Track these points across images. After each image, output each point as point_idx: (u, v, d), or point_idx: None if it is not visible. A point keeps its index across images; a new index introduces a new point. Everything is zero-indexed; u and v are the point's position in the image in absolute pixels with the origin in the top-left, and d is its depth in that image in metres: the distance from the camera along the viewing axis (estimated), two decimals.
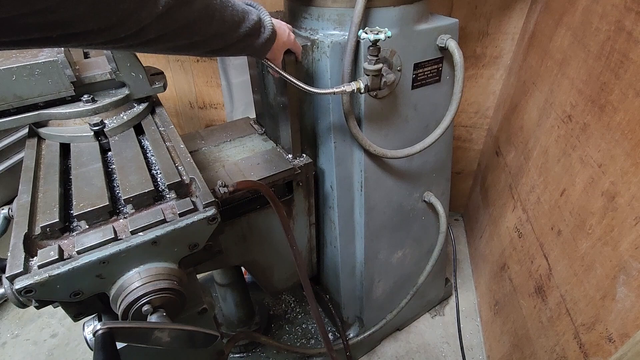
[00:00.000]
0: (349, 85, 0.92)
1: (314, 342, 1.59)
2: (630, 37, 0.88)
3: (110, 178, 0.85)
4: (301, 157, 1.15)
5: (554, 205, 1.15)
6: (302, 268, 1.10)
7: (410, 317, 1.75)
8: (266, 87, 1.17)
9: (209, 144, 1.24)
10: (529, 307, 1.25)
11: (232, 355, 1.55)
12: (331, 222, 1.28)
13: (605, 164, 0.92)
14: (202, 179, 0.83)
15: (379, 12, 0.95)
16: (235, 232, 1.10)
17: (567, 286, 1.03)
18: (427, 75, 1.09)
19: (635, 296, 0.77)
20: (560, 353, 1.03)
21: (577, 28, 1.15)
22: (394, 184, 1.24)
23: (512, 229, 1.47)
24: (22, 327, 1.82)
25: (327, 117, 1.07)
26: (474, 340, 1.70)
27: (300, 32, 1.05)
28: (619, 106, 0.89)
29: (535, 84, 1.41)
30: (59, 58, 0.87)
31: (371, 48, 0.88)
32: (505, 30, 1.68)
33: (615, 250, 0.85)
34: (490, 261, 1.72)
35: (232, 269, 1.35)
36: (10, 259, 0.65)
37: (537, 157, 1.31)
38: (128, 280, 0.71)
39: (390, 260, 1.43)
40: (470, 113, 1.97)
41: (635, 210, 0.80)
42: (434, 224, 1.44)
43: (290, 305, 1.75)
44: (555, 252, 1.12)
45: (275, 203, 0.96)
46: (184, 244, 0.75)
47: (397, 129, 1.14)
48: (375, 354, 1.66)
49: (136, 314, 0.70)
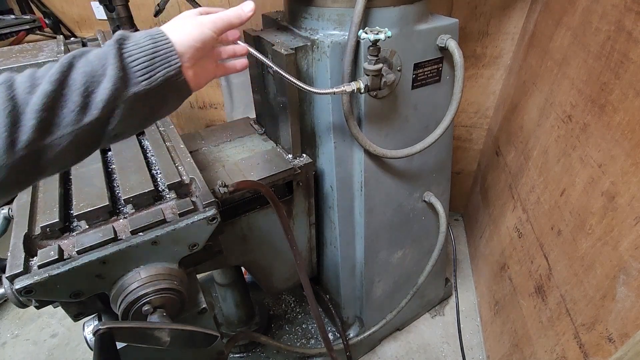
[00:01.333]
0: (349, 85, 0.92)
1: (314, 342, 1.59)
2: (630, 37, 0.87)
3: (110, 178, 0.85)
4: (301, 157, 1.15)
5: (554, 205, 1.15)
6: (302, 268, 1.10)
7: (410, 317, 1.75)
8: (266, 87, 1.17)
9: (209, 144, 1.24)
10: (529, 307, 1.24)
11: (232, 355, 1.55)
12: (331, 222, 1.28)
13: (605, 164, 0.92)
14: (202, 179, 0.83)
15: (379, 12, 0.95)
16: (235, 232, 1.10)
17: (567, 286, 1.03)
18: (427, 75, 1.09)
19: (635, 296, 0.77)
20: (560, 353, 1.03)
21: (577, 28, 1.15)
22: (394, 184, 1.24)
23: (512, 229, 1.47)
24: (22, 327, 1.82)
25: (327, 117, 1.07)
26: (474, 340, 1.70)
27: (300, 32, 1.05)
28: (619, 106, 0.89)
29: (535, 84, 1.41)
30: (59, 58, 0.87)
31: (371, 48, 0.88)
32: (505, 30, 1.68)
33: (615, 250, 0.85)
34: (490, 261, 1.72)
35: (232, 269, 1.35)
36: (10, 259, 0.65)
37: (537, 157, 1.31)
38: (128, 280, 0.71)
39: (390, 260, 1.43)
40: (470, 113, 1.97)
41: (635, 210, 0.80)
42: (434, 224, 1.44)
43: (290, 305, 1.75)
44: (555, 252, 1.12)
45: (275, 203, 0.96)
46: (184, 244, 0.75)
47: (397, 129, 1.13)
48: (375, 354, 1.66)
49: (136, 314, 0.70)
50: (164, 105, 0.55)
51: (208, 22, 0.57)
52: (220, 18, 0.59)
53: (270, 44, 1.01)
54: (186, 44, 0.54)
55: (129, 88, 0.49)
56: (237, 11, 0.61)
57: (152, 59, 0.50)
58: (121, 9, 0.93)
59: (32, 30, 2.10)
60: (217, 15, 0.59)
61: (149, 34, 0.52)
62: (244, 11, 0.62)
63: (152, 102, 0.52)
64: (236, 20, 0.61)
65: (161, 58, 0.51)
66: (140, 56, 0.50)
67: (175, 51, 0.52)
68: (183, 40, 0.54)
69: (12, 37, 2.05)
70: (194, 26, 0.56)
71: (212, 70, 0.64)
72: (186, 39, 0.54)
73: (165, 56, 0.51)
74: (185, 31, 0.55)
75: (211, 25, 0.57)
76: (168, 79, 0.52)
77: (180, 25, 0.56)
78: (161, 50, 0.51)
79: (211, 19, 0.58)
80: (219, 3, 1.88)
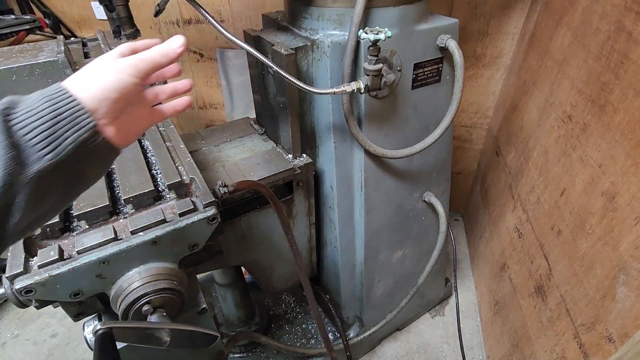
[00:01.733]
0: (349, 85, 0.92)
1: (314, 342, 1.59)
2: (630, 37, 0.87)
3: (110, 178, 0.85)
4: (301, 157, 1.15)
5: (554, 205, 1.15)
6: (302, 268, 1.10)
7: (410, 317, 1.75)
8: (266, 87, 1.17)
9: (209, 144, 1.24)
10: (529, 307, 1.24)
11: (232, 355, 1.55)
12: (331, 222, 1.28)
13: (605, 164, 0.92)
14: (202, 179, 0.83)
15: (379, 12, 0.95)
16: (235, 232, 1.10)
17: (567, 286, 1.03)
18: (427, 75, 1.09)
19: (635, 296, 0.77)
20: (560, 353, 1.03)
21: (577, 28, 1.15)
22: (394, 184, 1.24)
23: (512, 229, 1.47)
24: (22, 327, 1.82)
25: (327, 117, 1.07)
26: (474, 340, 1.70)
27: (300, 32, 1.05)
28: (619, 106, 0.89)
29: (536, 84, 1.41)
30: (60, 58, 0.88)
31: (371, 48, 0.88)
32: (505, 30, 1.68)
33: (615, 250, 0.85)
34: (490, 261, 1.72)
35: (232, 269, 1.35)
36: (10, 259, 0.65)
37: (537, 157, 1.31)
38: (128, 280, 0.71)
39: (390, 260, 1.43)
40: (470, 113, 1.97)
41: (635, 210, 0.80)
42: (434, 224, 1.44)
43: (290, 305, 1.75)
44: (555, 252, 1.12)
45: (275, 203, 0.96)
46: (184, 244, 0.75)
47: (397, 129, 1.13)
48: (375, 354, 1.66)
49: (136, 314, 0.70)
50: (84, 175, 0.46)
51: (126, 67, 0.48)
52: (141, 60, 0.49)
53: (270, 44, 1.01)
54: (99, 97, 0.45)
55: (27, 168, 0.39)
56: (164, 49, 0.51)
57: (55, 124, 0.41)
58: (121, 9, 0.93)
59: (32, 30, 2.10)
60: (137, 57, 0.49)
61: (45, 94, 0.42)
62: (172, 48, 0.51)
63: (66, 177, 0.43)
64: (162, 60, 0.50)
65: (67, 121, 0.42)
66: (37, 124, 0.40)
67: (84, 109, 0.43)
68: (94, 93, 0.44)
69: (12, 37, 2.05)
70: (108, 74, 0.46)
71: (146, 118, 0.55)
72: (98, 91, 0.45)
73: (71, 118, 0.42)
74: (96, 81, 0.45)
75: (131, 70, 0.48)
76: (81, 144, 0.42)
77: (89, 76, 0.46)
78: (65, 112, 0.42)
79: (130, 63, 0.48)
80: (219, 3, 1.88)
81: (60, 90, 0.43)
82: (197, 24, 1.99)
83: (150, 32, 2.06)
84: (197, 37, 2.04)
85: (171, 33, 2.03)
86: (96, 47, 1.23)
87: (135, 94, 0.49)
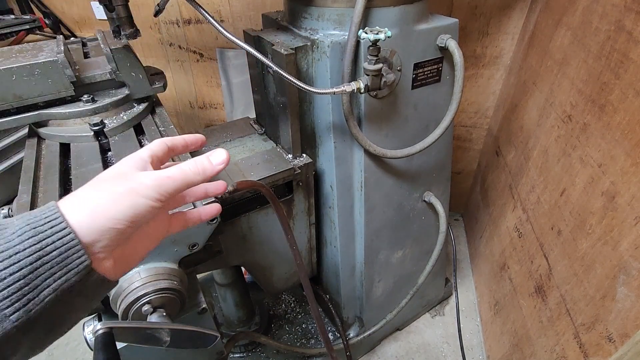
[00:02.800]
0: (349, 85, 0.92)
1: (314, 342, 1.59)
2: (630, 37, 0.87)
3: None
4: (301, 157, 1.15)
5: (554, 205, 1.15)
6: (302, 268, 1.09)
7: (410, 317, 1.75)
8: (266, 87, 1.17)
9: (209, 144, 1.24)
10: (529, 307, 1.24)
11: (232, 355, 1.55)
12: (331, 222, 1.28)
13: (605, 164, 0.92)
14: None
15: (379, 12, 0.95)
16: (235, 232, 1.10)
17: (567, 286, 1.03)
18: (427, 75, 1.09)
19: (635, 296, 0.77)
20: (560, 353, 1.03)
21: (577, 28, 1.15)
22: (394, 184, 1.24)
23: (512, 228, 1.47)
24: None
25: (327, 117, 1.07)
26: (474, 340, 1.70)
27: (300, 32, 1.05)
28: (619, 106, 0.89)
29: (535, 84, 1.41)
30: (59, 58, 0.88)
31: (371, 48, 0.88)
32: (505, 30, 1.68)
33: (615, 250, 0.85)
34: (490, 261, 1.72)
35: (232, 269, 1.35)
36: None
37: (537, 157, 1.31)
38: (128, 280, 0.71)
39: (390, 260, 1.43)
40: (470, 113, 1.97)
41: (635, 210, 0.80)
42: (434, 224, 1.44)
43: (290, 305, 1.75)
44: (555, 252, 1.12)
45: (275, 203, 0.96)
46: (183, 244, 0.75)
47: (397, 129, 1.13)
48: (375, 354, 1.66)
49: (136, 314, 0.70)
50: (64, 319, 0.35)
51: (147, 189, 0.36)
52: (169, 178, 0.37)
53: (270, 44, 1.01)
54: (101, 228, 0.33)
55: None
56: (200, 165, 0.40)
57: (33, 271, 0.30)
58: (121, 9, 0.93)
59: (32, 30, 2.10)
60: (164, 174, 0.37)
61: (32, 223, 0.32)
62: (212, 164, 0.42)
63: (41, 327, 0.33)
64: (197, 178, 0.40)
65: (52, 264, 0.31)
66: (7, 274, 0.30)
67: (78, 245, 0.32)
68: (96, 222, 0.33)
69: (12, 37, 2.05)
70: (120, 196, 0.34)
71: (161, 230, 0.44)
72: (102, 221, 0.33)
73: (59, 259, 0.32)
74: (103, 208, 0.34)
75: (152, 192, 0.36)
76: (65, 290, 0.32)
77: (95, 197, 0.34)
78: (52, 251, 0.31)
79: (153, 182, 0.36)
80: (219, 3, 1.88)
81: (52, 217, 0.33)
82: (196, 23, 1.99)
83: (150, 32, 2.06)
84: (197, 37, 2.04)
85: (171, 33, 2.03)
86: (96, 47, 1.23)
87: (150, 218, 0.38)
